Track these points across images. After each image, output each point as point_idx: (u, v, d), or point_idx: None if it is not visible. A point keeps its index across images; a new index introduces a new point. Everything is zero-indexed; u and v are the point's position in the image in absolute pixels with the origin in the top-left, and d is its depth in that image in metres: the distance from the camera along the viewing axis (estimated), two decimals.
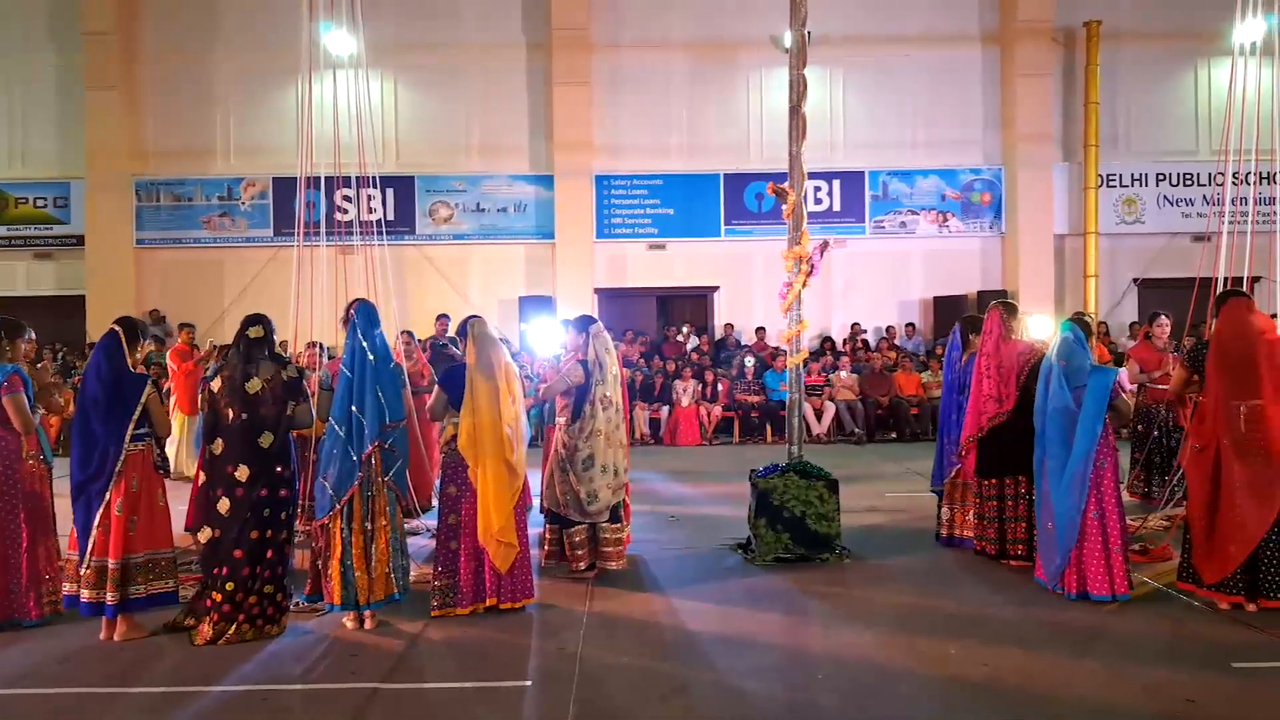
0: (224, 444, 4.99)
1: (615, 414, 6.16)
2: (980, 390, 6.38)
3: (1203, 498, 5.32)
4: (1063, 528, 5.42)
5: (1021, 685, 4.26)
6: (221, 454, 4.99)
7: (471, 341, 5.41)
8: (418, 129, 16.97)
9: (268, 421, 5.00)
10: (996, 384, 6.28)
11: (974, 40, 17.22)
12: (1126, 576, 5.43)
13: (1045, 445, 5.63)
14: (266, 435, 4.99)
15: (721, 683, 4.33)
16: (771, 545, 6.42)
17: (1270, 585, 5.12)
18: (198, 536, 5.04)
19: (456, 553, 5.28)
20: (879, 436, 13.78)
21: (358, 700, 4.14)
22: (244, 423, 4.97)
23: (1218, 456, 5.28)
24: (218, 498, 4.94)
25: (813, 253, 6.64)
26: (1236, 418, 5.21)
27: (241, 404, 4.98)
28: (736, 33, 16.93)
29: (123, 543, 4.88)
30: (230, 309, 16.67)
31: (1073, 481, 5.41)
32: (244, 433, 4.97)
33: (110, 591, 4.84)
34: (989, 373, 6.33)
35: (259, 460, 4.96)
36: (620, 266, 17.20)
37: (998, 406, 6.24)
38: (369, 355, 5.11)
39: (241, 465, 4.94)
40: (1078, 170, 17.05)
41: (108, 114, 16.44)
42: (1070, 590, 5.43)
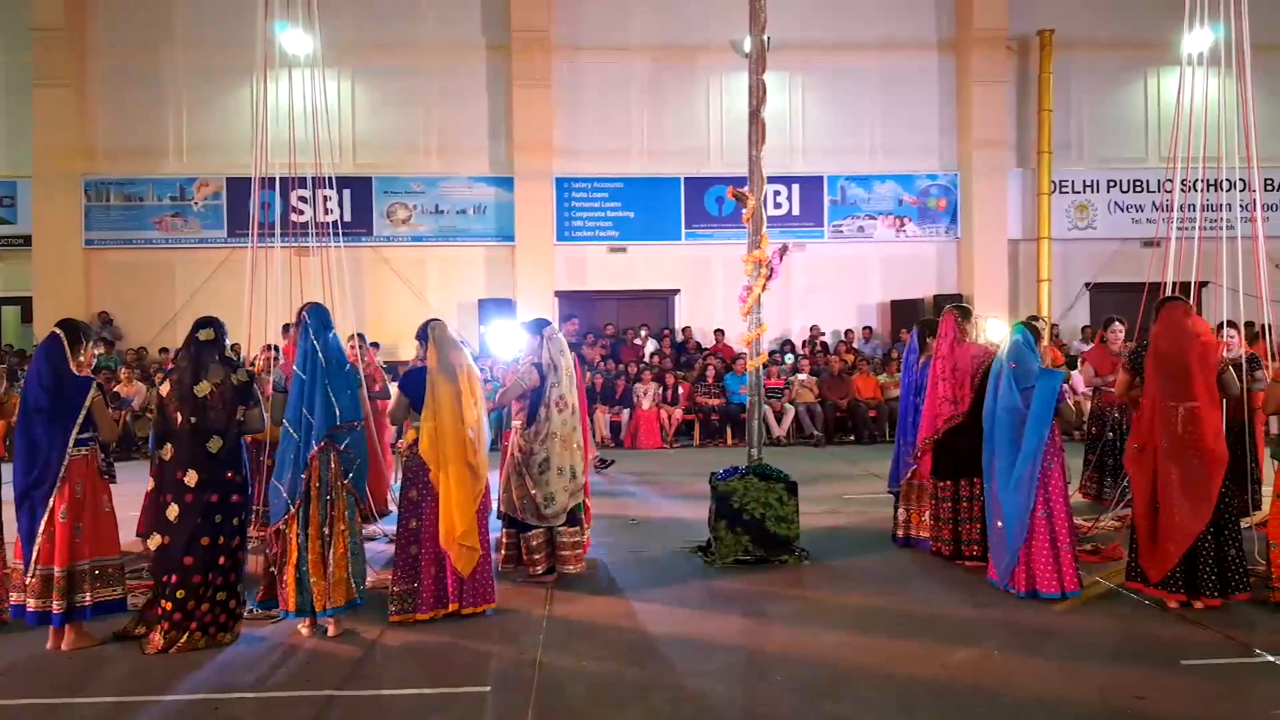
0: (173, 449, 4.89)
1: (572, 416, 6.12)
2: (936, 393, 6.45)
3: (1145, 497, 5.42)
4: (1011, 527, 5.52)
5: (976, 684, 4.31)
6: (170, 459, 4.89)
7: (432, 344, 5.35)
8: (375, 129, 16.82)
9: (216, 426, 4.90)
10: (952, 386, 6.35)
11: (930, 47, 17.46)
12: (1076, 575, 5.53)
13: (994, 445, 5.73)
14: (215, 440, 4.89)
15: (681, 686, 4.33)
16: (731, 547, 6.44)
17: (1208, 584, 5.23)
18: (147, 543, 4.93)
19: (418, 558, 5.22)
20: (837, 439, 13.89)
21: (313, 708, 4.08)
22: (192, 427, 4.87)
23: (1155, 457, 5.39)
24: (166, 504, 4.84)
25: (772, 256, 6.67)
26: (1174, 419, 5.32)
27: (190, 408, 4.88)
28: (696, 37, 16.99)
29: (68, 550, 4.75)
30: (182, 311, 16.38)
31: (1021, 481, 5.50)
32: (192, 437, 4.87)
33: (56, 600, 4.72)
34: (944, 375, 6.40)
35: (208, 465, 4.86)
36: (581, 269, 17.18)
37: (953, 408, 6.32)
38: (320, 356, 5.04)
39: (190, 470, 4.84)
40: (1031, 176, 17.35)
41: (56, 111, 16.09)
42: (1020, 588, 5.51)
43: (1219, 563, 5.26)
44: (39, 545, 4.75)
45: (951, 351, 6.41)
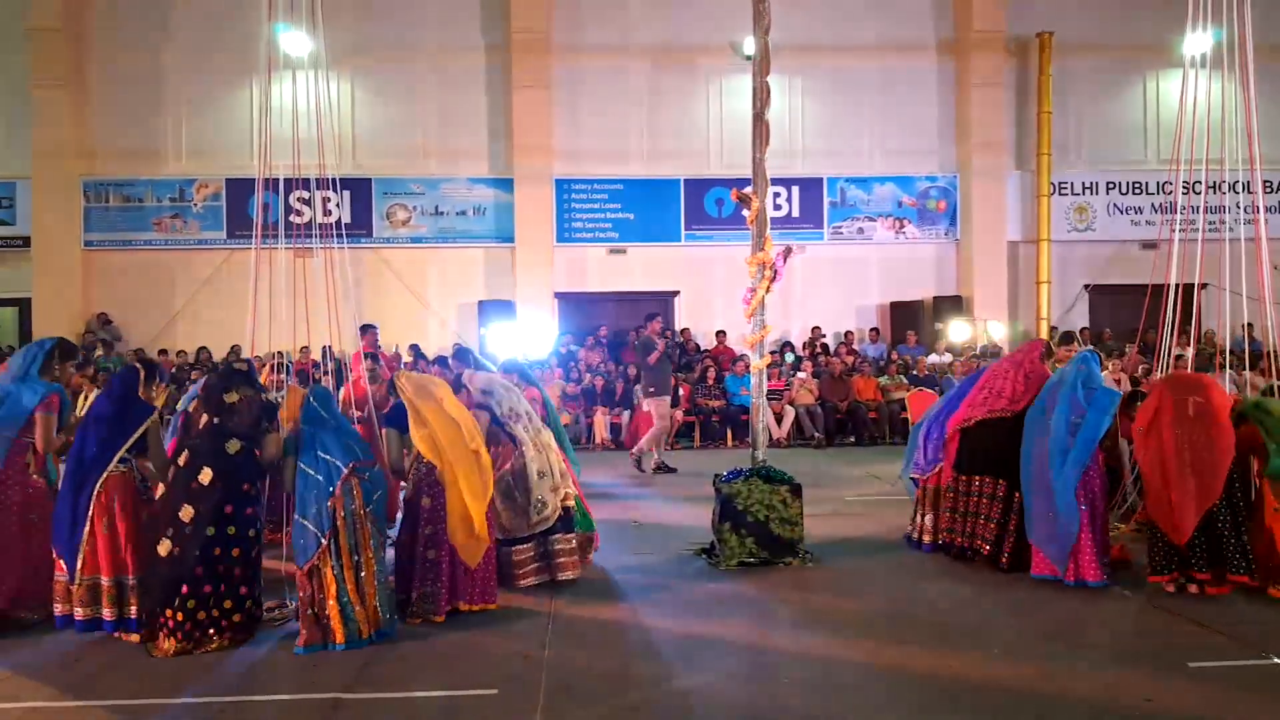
0: (189, 454, 4.93)
1: (531, 422, 6.20)
2: (991, 385, 6.52)
3: (1156, 470, 5.62)
4: (1063, 511, 5.68)
5: (983, 685, 4.30)
6: (186, 464, 4.91)
7: (407, 385, 5.54)
8: (375, 131, 16.81)
9: (238, 430, 4.97)
10: (1013, 385, 6.39)
11: (930, 50, 17.49)
12: (1106, 564, 5.78)
13: (1049, 436, 5.84)
14: (235, 442, 4.94)
15: (689, 688, 4.32)
16: (736, 550, 6.43)
17: (1234, 561, 5.48)
18: (157, 549, 4.88)
19: (436, 561, 5.26)
20: (838, 441, 13.89)
21: (321, 711, 4.07)
22: (214, 427, 4.94)
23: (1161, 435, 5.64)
24: (179, 505, 4.84)
25: (776, 259, 6.67)
26: (1185, 406, 5.60)
27: (215, 409, 4.99)
28: (696, 38, 17.01)
29: (111, 562, 4.91)
30: (182, 313, 16.41)
31: (1071, 464, 5.69)
32: (213, 437, 4.92)
33: (107, 608, 4.89)
34: (1011, 375, 6.46)
35: (225, 467, 4.88)
36: (580, 270, 17.18)
37: (1007, 404, 6.34)
38: (324, 414, 5.22)
39: (206, 469, 4.85)
40: (1030, 178, 17.38)
41: (55, 112, 16.07)
42: (1069, 578, 5.70)
43: (1237, 539, 5.50)
44: (83, 555, 4.88)
45: (1033, 363, 6.49)
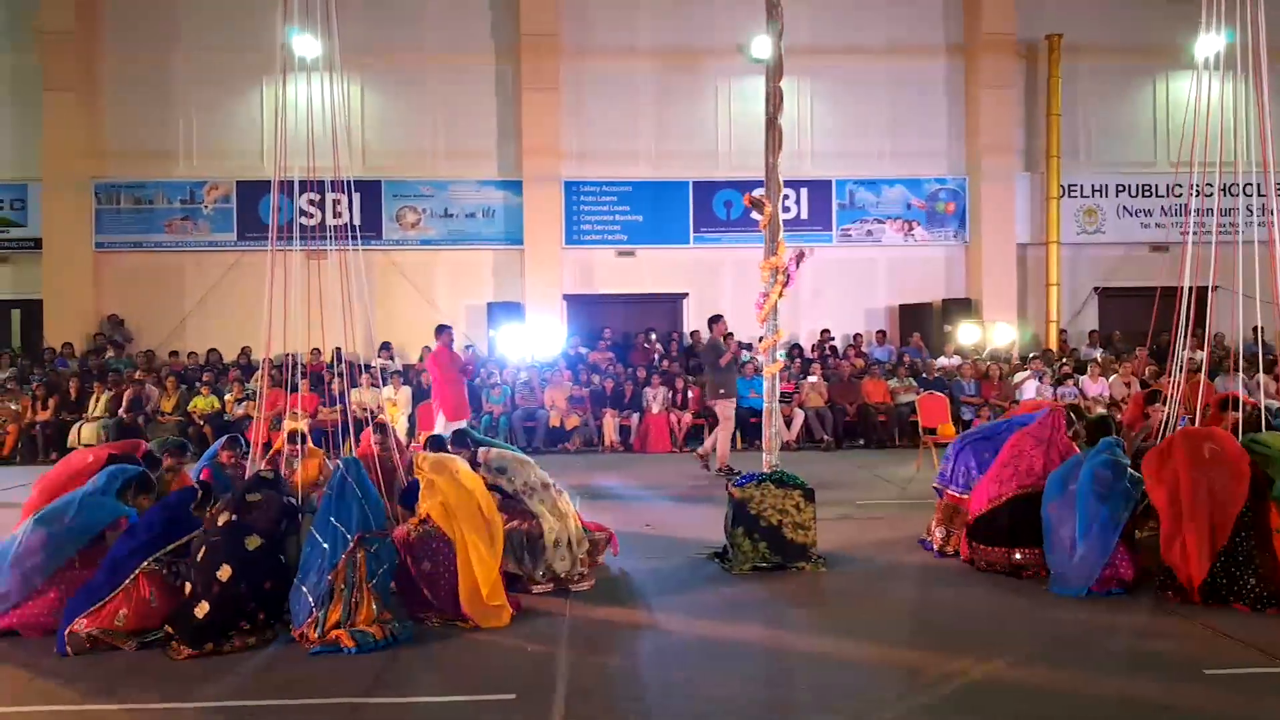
0: (208, 550, 4.98)
1: (548, 491, 6.27)
2: (1015, 461, 6.38)
3: (1171, 504, 5.56)
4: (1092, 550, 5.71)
5: (997, 691, 4.31)
6: (204, 559, 4.97)
7: (424, 464, 5.72)
8: (384, 133, 16.85)
9: (258, 526, 5.07)
10: (1045, 462, 6.26)
11: (939, 52, 17.49)
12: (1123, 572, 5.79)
13: (1072, 500, 5.87)
14: (254, 538, 5.03)
15: (707, 692, 4.33)
16: (749, 554, 6.44)
17: (1245, 593, 5.40)
18: (194, 612, 4.89)
19: (424, 619, 5.33)
20: (846, 444, 13.88)
21: (340, 715, 4.08)
22: (234, 524, 5.04)
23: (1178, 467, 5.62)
24: (197, 602, 4.90)
25: (789, 263, 6.68)
26: (1200, 451, 5.65)
27: (236, 508, 5.11)
28: (704, 41, 17.04)
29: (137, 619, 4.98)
30: (192, 314, 16.46)
31: (1097, 538, 5.71)
32: (231, 534, 5.01)
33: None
34: (1043, 452, 6.34)
35: (243, 560, 4.97)
36: (589, 273, 17.21)
37: (1038, 480, 6.20)
38: (350, 482, 5.31)
39: (225, 566, 4.91)
40: (1040, 180, 17.37)
41: (66, 115, 16.13)
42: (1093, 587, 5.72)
43: (1253, 571, 5.42)
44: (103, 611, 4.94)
45: (1064, 441, 6.41)
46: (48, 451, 13.27)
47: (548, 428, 13.60)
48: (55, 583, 5.16)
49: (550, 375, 14.54)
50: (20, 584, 5.11)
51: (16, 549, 5.19)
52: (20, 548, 5.18)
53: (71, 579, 5.16)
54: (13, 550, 5.19)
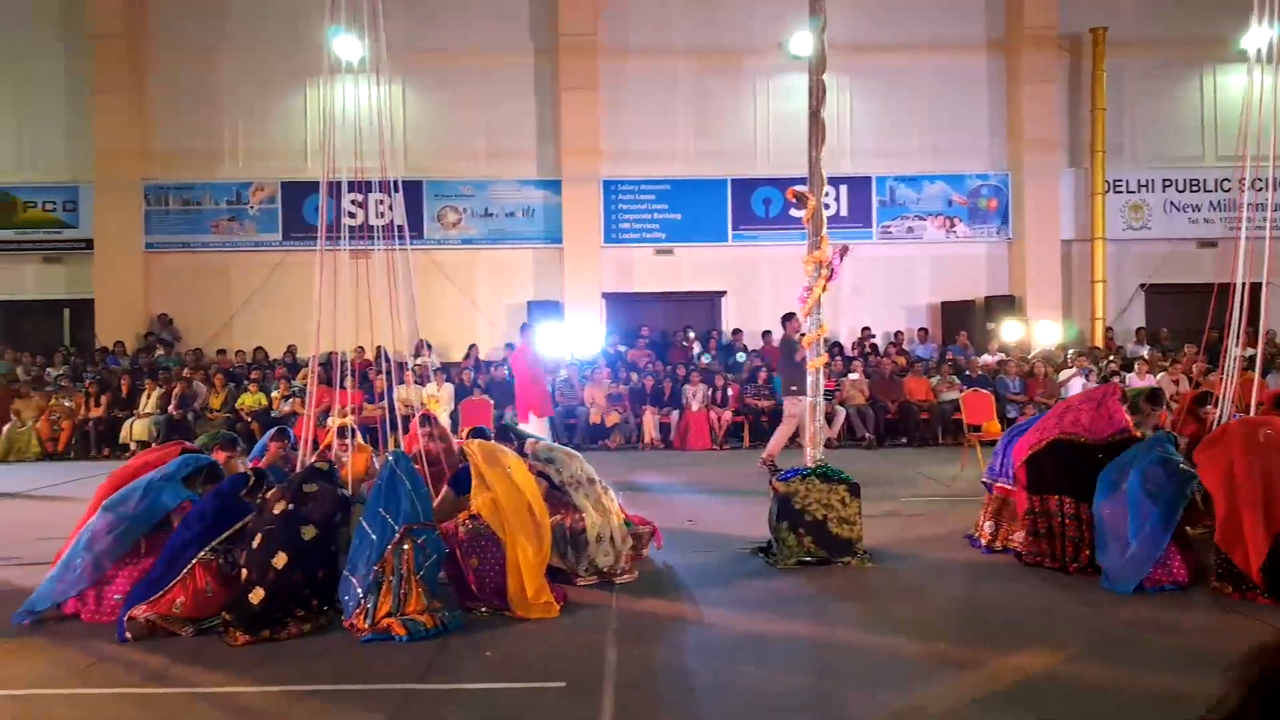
0: (263, 538, 5.08)
1: (593, 486, 6.32)
2: (1063, 413, 6.47)
3: (1227, 499, 5.49)
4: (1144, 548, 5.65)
5: (1053, 683, 4.27)
6: (260, 547, 5.06)
7: (477, 452, 5.77)
8: (426, 134, 17.02)
9: (313, 517, 5.16)
10: (1091, 417, 6.30)
11: (980, 47, 17.33)
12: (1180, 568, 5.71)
13: (1125, 498, 5.81)
14: (310, 528, 5.13)
15: (753, 683, 4.34)
16: (794, 549, 6.43)
17: None
18: (249, 598, 5.00)
19: (472, 609, 5.42)
20: (888, 442, 13.79)
21: (394, 701, 4.15)
22: (290, 513, 5.13)
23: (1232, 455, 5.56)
24: (252, 588, 5.01)
25: (832, 257, 6.66)
26: (1255, 436, 5.60)
27: (293, 497, 5.19)
28: (743, 39, 17.03)
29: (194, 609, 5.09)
30: (239, 313, 16.74)
31: (1150, 537, 5.66)
32: (287, 523, 5.11)
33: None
34: (1089, 408, 6.39)
35: (299, 549, 5.07)
36: (627, 271, 17.26)
37: (1085, 431, 6.24)
38: (399, 474, 5.38)
39: (280, 553, 5.01)
40: (1084, 176, 17.14)
41: (116, 117, 16.49)
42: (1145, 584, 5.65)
43: None
44: (160, 600, 5.05)
45: (1114, 402, 6.41)
46: (100, 447, 13.58)
47: (588, 425, 13.67)
48: (122, 568, 5.31)
49: (590, 373, 14.61)
50: (91, 568, 5.27)
51: (88, 534, 5.35)
52: (90, 533, 5.33)
53: (138, 564, 5.30)
54: (87, 535, 5.35)
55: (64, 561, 5.37)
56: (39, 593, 5.34)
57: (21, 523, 8.54)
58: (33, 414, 13.80)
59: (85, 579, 5.26)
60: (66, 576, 5.29)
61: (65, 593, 5.29)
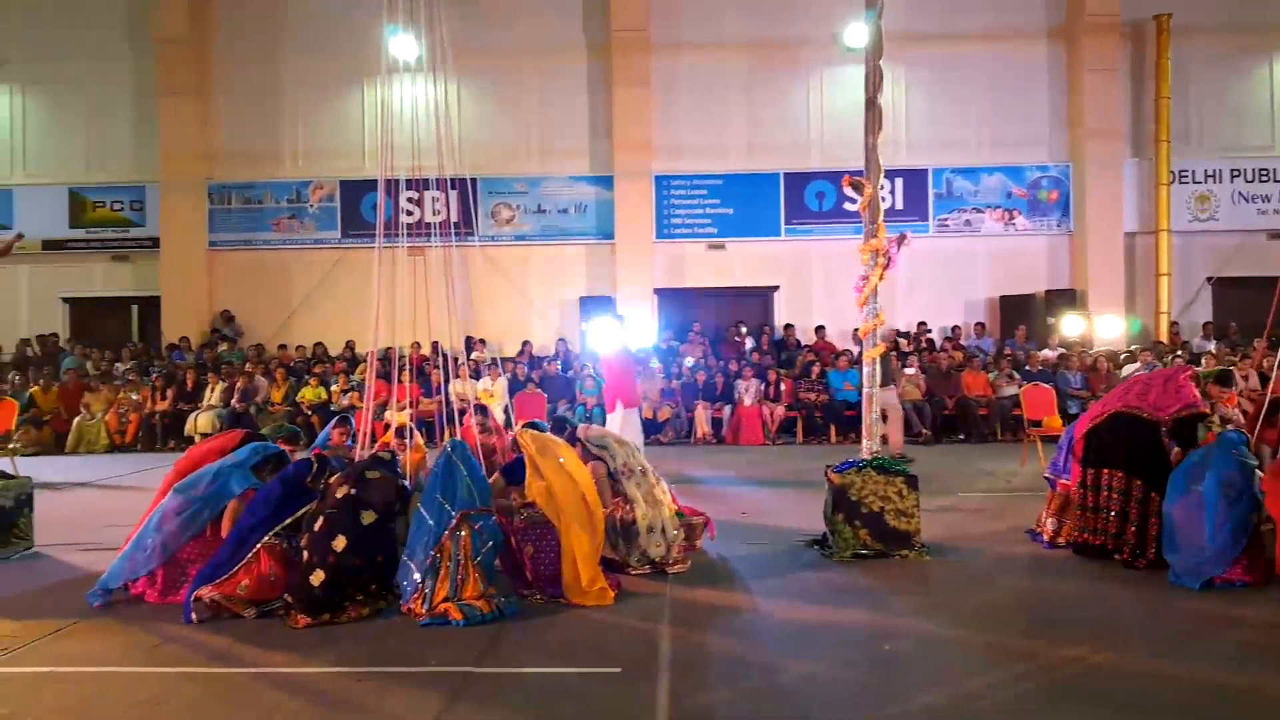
0: (325, 522, 5.16)
1: (645, 477, 6.32)
2: (1130, 387, 6.36)
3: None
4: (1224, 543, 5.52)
5: (1118, 677, 4.16)
6: (322, 529, 5.15)
7: (530, 442, 5.81)
8: (479, 131, 17.13)
9: (374, 502, 5.23)
10: (1159, 393, 6.19)
11: (1039, 36, 16.99)
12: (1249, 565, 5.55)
13: (1199, 498, 5.68)
14: (370, 513, 5.19)
15: (810, 672, 4.30)
16: (849, 541, 6.36)
17: None
18: (310, 579, 5.09)
19: (528, 596, 5.46)
20: (945, 438, 13.57)
21: (452, 683, 4.19)
22: (351, 498, 5.21)
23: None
24: (313, 570, 5.08)
25: (889, 245, 6.57)
26: None
27: (355, 483, 5.27)
28: (796, 31, 16.89)
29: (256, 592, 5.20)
30: (299, 309, 17.06)
31: (1230, 533, 5.54)
32: (348, 507, 5.18)
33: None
34: (1158, 384, 6.28)
35: (358, 534, 5.14)
36: (680, 266, 17.23)
37: (1150, 407, 6.13)
38: (457, 461, 5.45)
39: (340, 536, 5.09)
40: (1148, 166, 16.70)
41: (181, 119, 16.92)
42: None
43: None
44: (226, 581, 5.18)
45: (1185, 379, 6.28)
46: (165, 439, 13.93)
47: (640, 419, 13.64)
48: (190, 550, 5.44)
49: (641, 368, 14.59)
50: (161, 548, 5.42)
51: (159, 515, 5.50)
52: (161, 514, 5.48)
53: (205, 547, 5.43)
54: (157, 516, 5.50)
55: (135, 541, 5.53)
56: (111, 571, 5.51)
57: (91, 510, 8.80)
58: (102, 407, 14.22)
59: (155, 559, 5.40)
60: (137, 555, 5.44)
61: (135, 571, 5.44)
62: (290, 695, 4.11)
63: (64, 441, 14.02)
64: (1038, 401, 11.00)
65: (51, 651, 4.70)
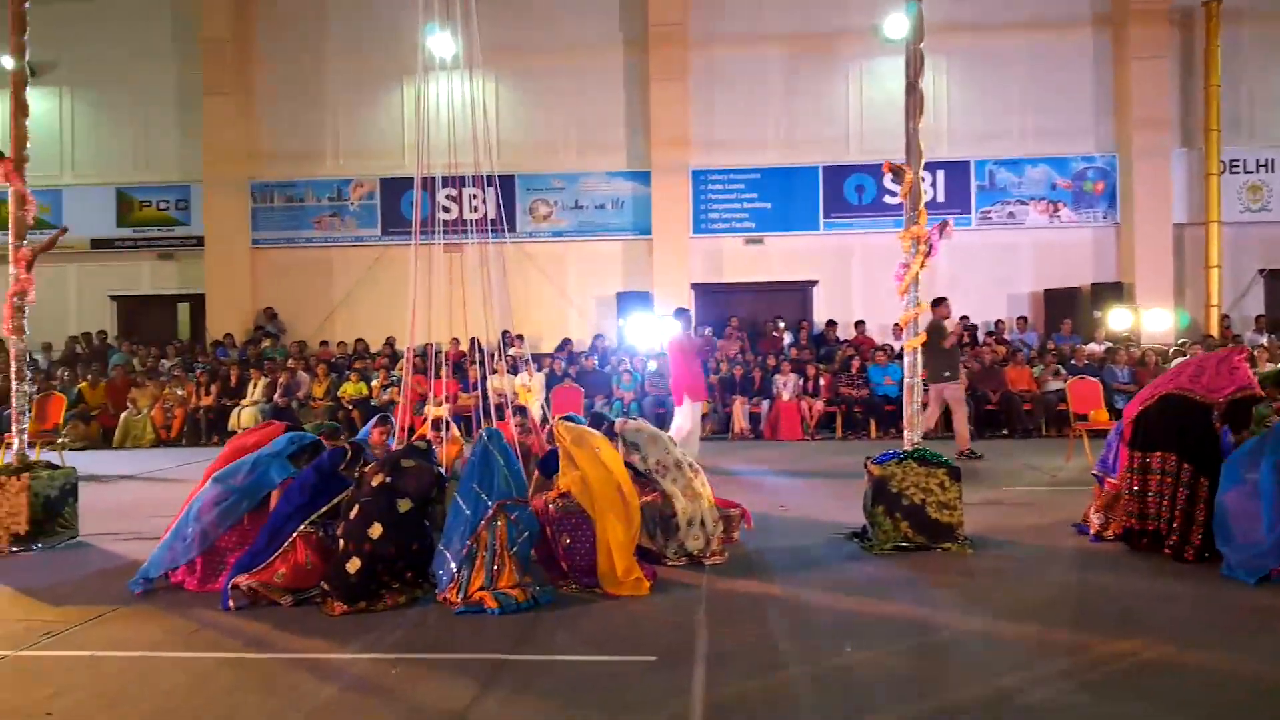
0: (360, 510, 5.16)
1: (682, 471, 6.24)
2: (1183, 369, 6.19)
3: None
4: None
5: (1170, 670, 4.03)
6: (357, 518, 5.16)
7: (565, 434, 5.82)
8: (517, 128, 17.19)
9: (409, 491, 5.22)
10: (1212, 375, 6.01)
11: (1084, 24, 16.66)
12: None
13: (1262, 494, 5.50)
14: (405, 501, 5.18)
15: (849, 663, 4.21)
16: (890, 534, 6.25)
17: None
18: (345, 566, 5.10)
19: (563, 586, 5.44)
20: (988, 433, 13.34)
21: (485, 671, 4.16)
22: (386, 485, 5.20)
23: None
24: (348, 558, 5.07)
25: (931, 233, 6.44)
26: None
27: (390, 471, 5.27)
28: (835, 24, 16.73)
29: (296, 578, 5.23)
30: (340, 306, 17.22)
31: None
32: (384, 495, 5.18)
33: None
34: (1212, 366, 6.09)
35: (394, 521, 5.14)
36: (717, 261, 17.14)
37: (1203, 390, 5.96)
38: (493, 450, 5.45)
39: (376, 524, 5.09)
40: (1198, 156, 16.30)
41: (224, 119, 17.16)
42: None
43: None
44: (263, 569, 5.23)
45: (1240, 360, 6.09)
46: (210, 434, 14.14)
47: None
48: (228, 540, 5.48)
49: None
50: (200, 538, 5.48)
51: (198, 504, 5.55)
52: (200, 503, 5.53)
53: (243, 536, 5.47)
54: (196, 506, 5.56)
55: (175, 530, 5.58)
56: (151, 560, 5.58)
57: (136, 502, 8.94)
58: (148, 402, 14.46)
59: (194, 548, 5.45)
60: (176, 545, 5.50)
61: (175, 560, 5.50)
62: (324, 680, 4.11)
63: (111, 436, 14.28)
64: (1084, 395, 10.76)
65: (92, 636, 4.76)
